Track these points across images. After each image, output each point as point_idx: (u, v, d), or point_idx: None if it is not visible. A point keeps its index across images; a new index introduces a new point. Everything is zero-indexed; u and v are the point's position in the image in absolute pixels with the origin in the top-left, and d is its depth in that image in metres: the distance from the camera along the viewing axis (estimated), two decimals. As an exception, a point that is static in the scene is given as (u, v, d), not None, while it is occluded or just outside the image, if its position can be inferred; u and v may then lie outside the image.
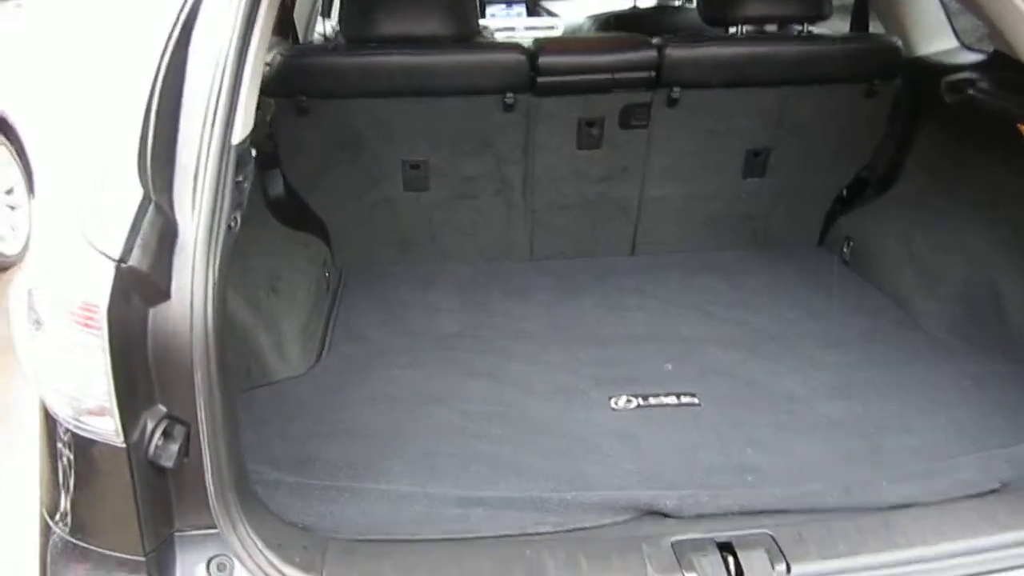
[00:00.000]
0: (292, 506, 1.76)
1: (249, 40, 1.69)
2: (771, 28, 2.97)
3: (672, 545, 1.63)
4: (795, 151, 2.94)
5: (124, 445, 1.43)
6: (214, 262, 1.50)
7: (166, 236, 1.47)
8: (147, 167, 1.50)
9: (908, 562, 1.60)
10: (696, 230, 3.11)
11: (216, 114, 1.59)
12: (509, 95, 2.67)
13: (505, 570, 1.59)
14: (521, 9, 5.94)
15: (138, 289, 1.43)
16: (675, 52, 2.68)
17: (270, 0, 1.75)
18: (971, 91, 2.34)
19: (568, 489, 1.82)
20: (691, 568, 1.57)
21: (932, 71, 2.66)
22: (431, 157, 2.83)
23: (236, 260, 2.31)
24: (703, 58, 2.70)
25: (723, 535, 1.65)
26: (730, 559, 1.60)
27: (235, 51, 1.64)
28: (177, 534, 1.56)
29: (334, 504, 1.78)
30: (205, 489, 1.50)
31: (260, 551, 1.55)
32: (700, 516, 1.76)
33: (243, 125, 1.68)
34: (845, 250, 3.01)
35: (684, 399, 2.20)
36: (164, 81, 1.61)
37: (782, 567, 1.58)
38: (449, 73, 2.65)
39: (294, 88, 2.64)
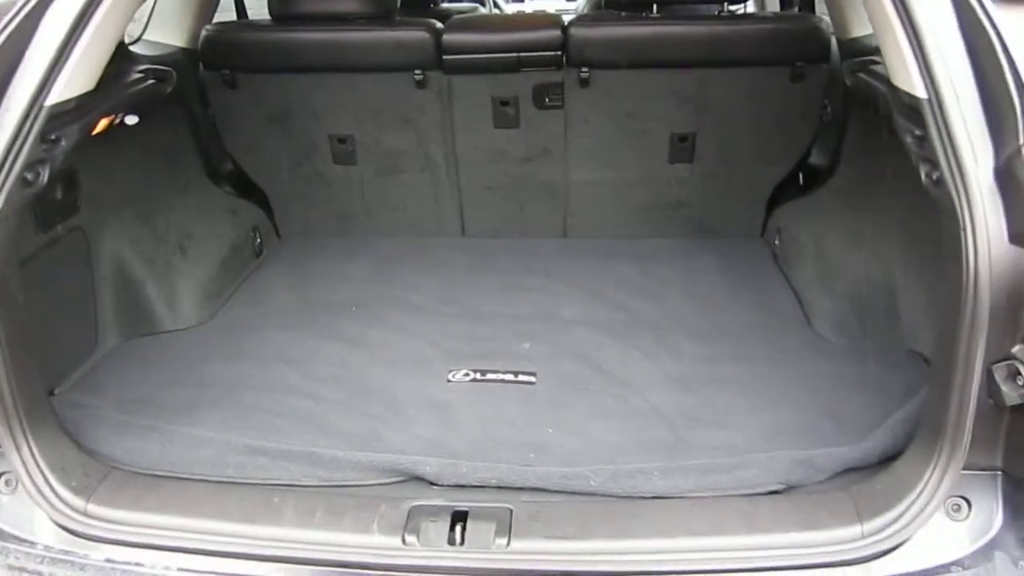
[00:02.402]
0: (104, 439, 1.92)
1: (96, 5, 1.84)
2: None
3: (410, 509, 1.68)
4: (723, 137, 2.85)
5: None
6: None
7: None
8: None
9: (635, 551, 1.59)
10: (629, 216, 3.06)
11: (29, 73, 1.76)
12: (418, 72, 2.73)
13: (248, 512, 1.69)
14: (560, -8, 5.92)
15: None
16: (579, 32, 2.66)
17: None
18: (862, 74, 2.20)
19: (349, 448, 1.89)
20: (414, 531, 1.62)
21: (861, 54, 2.51)
22: (356, 132, 2.93)
23: (143, 216, 2.53)
24: (609, 38, 2.66)
25: (464, 505, 1.69)
26: (458, 527, 1.64)
27: (75, 14, 1.80)
28: None
29: (140, 441, 1.93)
30: None
31: (40, 471, 1.72)
32: (459, 486, 1.79)
33: (69, 85, 1.82)
34: (776, 242, 2.89)
35: (521, 377, 2.22)
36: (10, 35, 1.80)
37: (503, 541, 1.60)
38: (361, 50, 2.74)
39: (220, 62, 2.80)
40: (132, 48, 2.72)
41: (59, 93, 1.80)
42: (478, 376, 2.23)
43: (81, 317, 2.30)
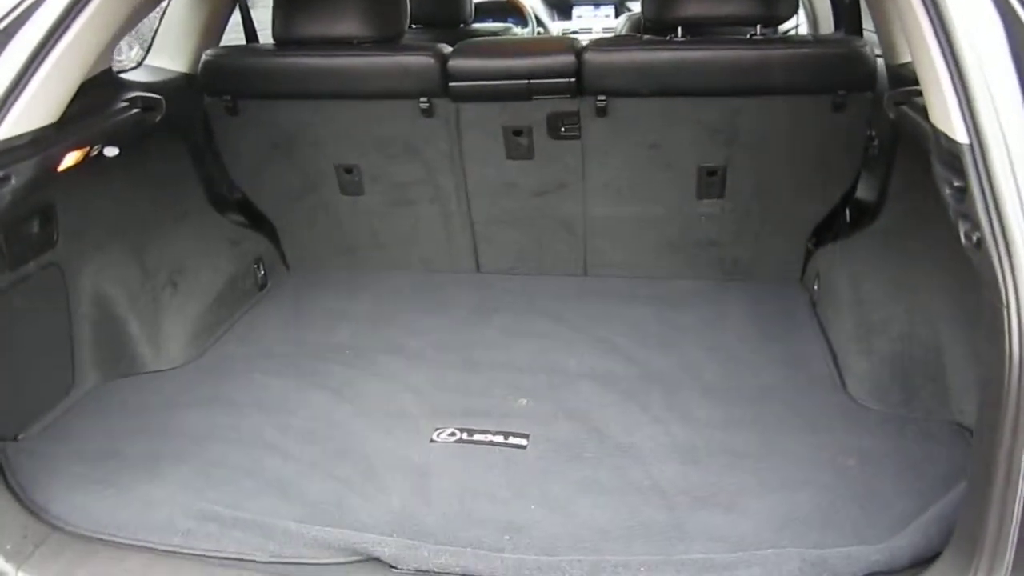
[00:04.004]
0: (54, 494, 1.80)
1: (58, 37, 1.73)
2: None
3: None
4: (757, 171, 2.60)
5: None
6: None
7: None
8: None
9: None
10: (653, 255, 2.83)
11: None
12: (424, 100, 2.56)
13: None
14: (609, 10, 5.71)
15: None
16: (595, 57, 2.45)
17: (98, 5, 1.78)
18: (905, 107, 1.93)
19: (308, 517, 1.72)
20: None
21: (910, 83, 2.24)
22: (362, 162, 2.77)
23: (131, 249, 2.42)
24: (626, 64, 2.44)
25: None
26: (405, 624, 1.45)
27: (32, 47, 1.69)
28: None
29: (92, 498, 1.80)
30: None
31: None
32: (420, 571, 1.59)
33: (23, 119, 1.71)
34: (815, 288, 2.62)
35: (512, 439, 2.01)
36: None
37: None
38: (364, 76, 2.58)
39: (221, 88, 2.69)
40: (132, 74, 2.63)
41: (10, 128, 1.68)
42: (464, 436, 2.03)
43: (55, 357, 2.19)
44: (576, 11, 5.75)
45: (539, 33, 5.37)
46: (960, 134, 1.38)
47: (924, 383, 2.04)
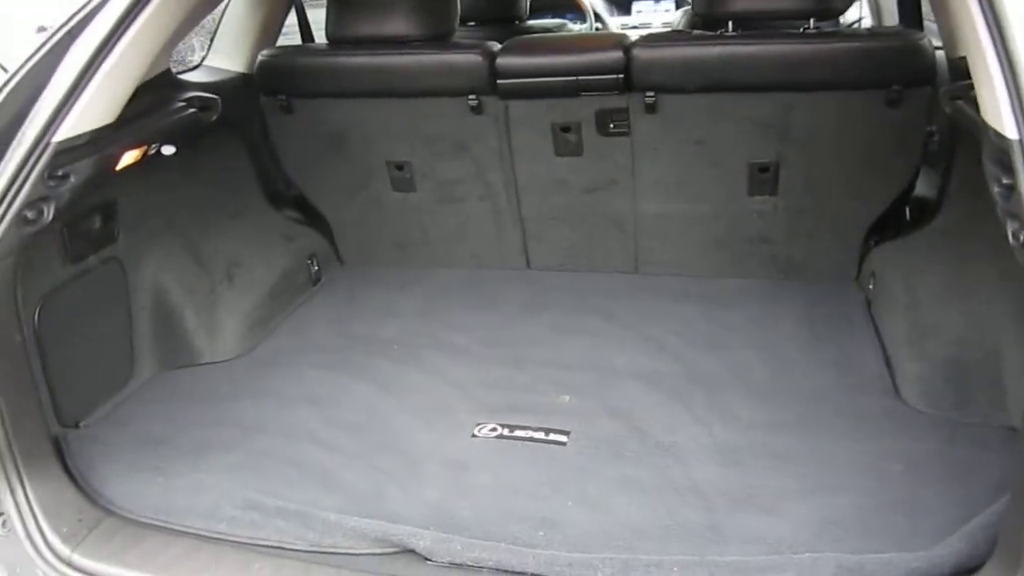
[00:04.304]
0: (109, 480, 1.88)
1: (115, 41, 1.80)
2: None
3: None
4: (810, 168, 2.54)
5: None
6: None
7: None
8: None
9: None
10: (705, 252, 2.79)
11: (38, 112, 1.74)
12: (472, 97, 2.58)
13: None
14: (670, 4, 5.63)
15: None
16: (643, 53, 2.42)
17: (156, 7, 1.86)
18: (961, 102, 1.87)
19: (349, 508, 1.76)
20: None
21: (968, 76, 2.16)
22: (412, 159, 2.81)
23: (188, 244, 2.50)
24: (674, 60, 2.41)
25: None
26: (439, 615, 1.47)
27: (91, 51, 1.77)
28: None
29: (144, 485, 1.88)
30: None
31: (33, 515, 1.69)
32: (454, 564, 1.62)
33: (82, 120, 1.79)
34: (871, 288, 2.55)
35: (552, 436, 2.01)
36: (22, 80, 1.79)
37: None
38: (413, 74, 2.61)
39: (275, 87, 2.75)
40: (192, 74, 2.72)
41: (70, 128, 1.76)
42: (505, 432, 2.04)
43: (115, 348, 2.29)
44: (636, 6, 5.70)
45: (597, 29, 5.34)
46: (1010, 130, 1.33)
47: (980, 387, 1.97)
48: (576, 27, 5.06)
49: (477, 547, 1.62)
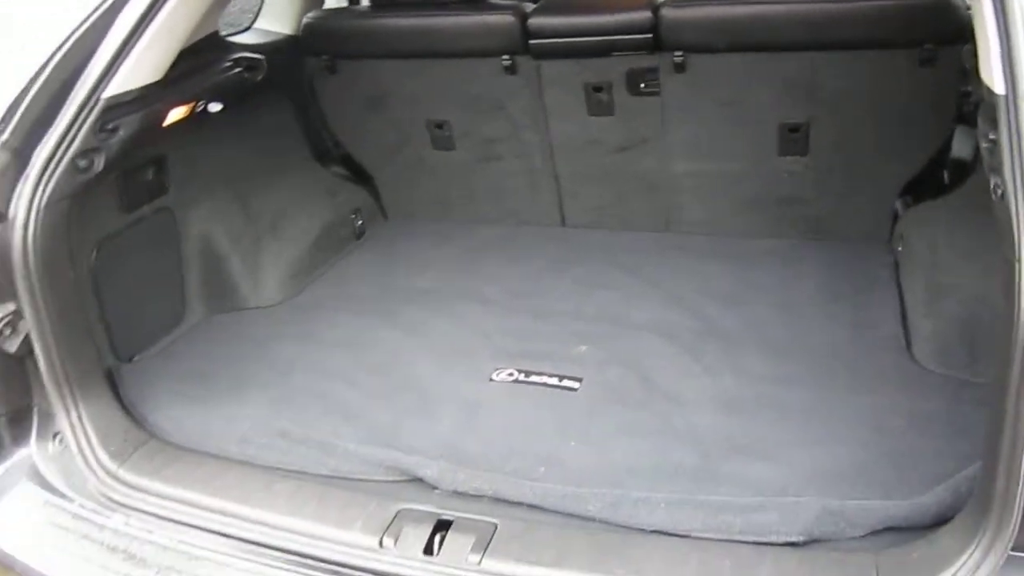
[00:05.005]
0: (156, 407, 2.07)
1: (161, 4, 1.95)
2: None
3: (398, 511, 1.66)
4: (841, 128, 2.53)
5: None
6: (43, 193, 1.80)
7: (8, 170, 1.80)
8: (14, 115, 1.85)
9: None
10: (735, 212, 2.81)
11: (91, 70, 1.90)
12: (506, 57, 2.66)
13: (246, 494, 1.76)
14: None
15: None
16: (671, 13, 2.45)
17: None
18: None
19: (367, 440, 1.90)
20: (394, 535, 1.61)
21: None
22: (451, 118, 2.90)
23: (236, 196, 2.66)
24: (702, 19, 2.44)
25: (451, 514, 1.64)
26: (438, 536, 1.60)
27: (140, 12, 1.92)
28: (36, 407, 1.94)
29: (186, 413, 2.06)
30: None
31: (84, 434, 1.88)
32: (457, 492, 1.74)
33: (130, 78, 1.95)
34: (899, 249, 2.54)
35: (565, 382, 2.11)
36: (77, 41, 1.96)
37: (476, 557, 1.55)
38: (450, 35, 2.70)
39: (320, 48, 2.88)
40: (241, 37, 2.87)
41: (118, 85, 1.92)
42: (521, 377, 2.15)
43: (168, 291, 2.47)
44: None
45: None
46: (998, 85, 1.34)
47: (992, 347, 1.97)
48: None
49: (479, 478, 1.73)
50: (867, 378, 2.03)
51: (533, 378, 2.14)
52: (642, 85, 2.63)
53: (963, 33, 2.30)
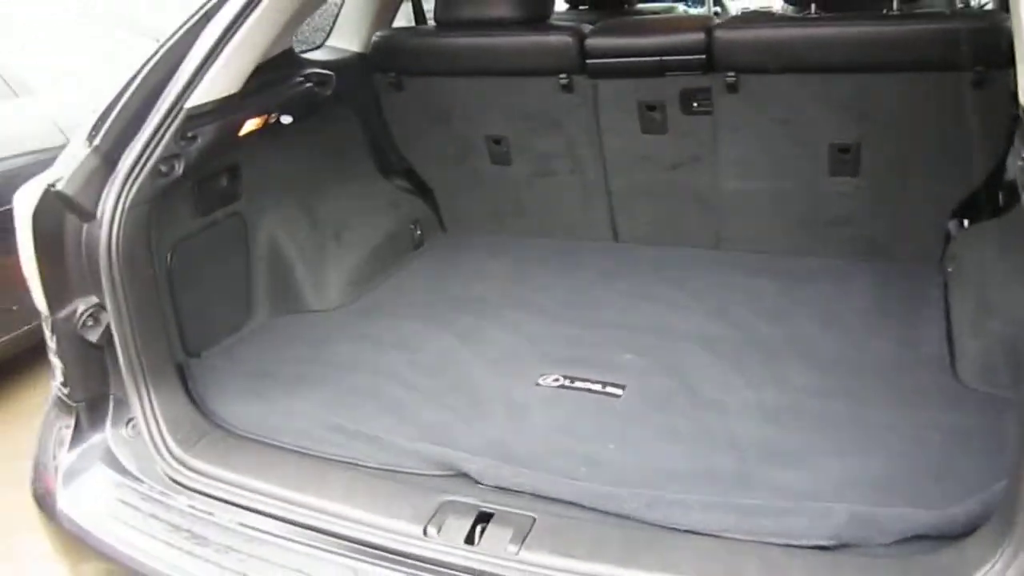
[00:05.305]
0: (221, 401, 2.20)
1: (240, 22, 2.12)
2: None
3: (442, 503, 1.75)
4: (893, 149, 2.56)
5: (52, 318, 1.98)
6: (128, 195, 1.96)
7: (98, 172, 1.97)
8: (105, 121, 2.01)
9: None
10: (786, 231, 2.85)
11: (176, 82, 2.06)
12: (563, 76, 2.76)
13: (302, 482, 1.86)
14: (793, -12, 5.54)
15: (69, 208, 1.94)
16: (724, 35, 2.52)
17: None
18: None
19: (418, 437, 1.99)
20: (437, 524, 1.69)
21: None
22: (509, 134, 3.02)
23: (303, 205, 2.81)
24: (755, 41, 2.50)
25: (492, 507, 1.72)
26: (479, 528, 1.68)
27: (221, 30, 2.09)
28: (112, 395, 2.09)
29: (248, 407, 2.18)
30: None
31: (155, 421, 2.02)
32: (500, 488, 1.82)
33: (210, 90, 2.11)
34: (950, 270, 2.55)
35: (609, 389, 2.18)
36: (164, 55, 2.13)
37: (514, 548, 1.62)
38: (510, 54, 2.81)
39: (388, 65, 3.03)
40: (314, 54, 3.03)
41: (199, 97, 2.08)
42: (566, 383, 2.22)
43: (237, 292, 2.62)
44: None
45: (715, 13, 5.36)
46: None
47: None
48: (692, 11, 5.10)
49: (521, 474, 1.81)
50: (908, 394, 2.05)
51: (578, 384, 2.21)
52: (695, 104, 2.70)
53: (1014, 56, 2.31)
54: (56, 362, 2.09)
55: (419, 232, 3.24)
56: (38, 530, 2.09)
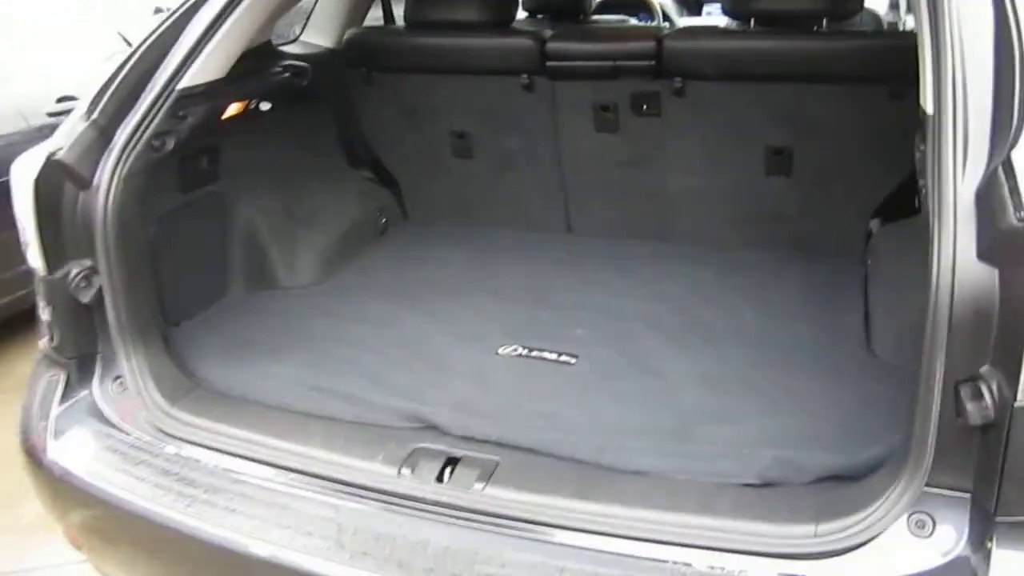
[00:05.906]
0: (203, 364, 2.34)
1: (227, 14, 2.28)
2: None
3: (414, 449, 1.93)
4: (821, 152, 2.84)
5: (49, 277, 2.11)
6: (123, 166, 2.11)
7: (96, 143, 2.11)
8: (102, 97, 2.16)
9: (589, 512, 1.73)
10: (726, 226, 3.11)
11: (168, 64, 2.22)
12: (525, 76, 2.98)
13: (285, 431, 2.03)
14: (738, 8, 5.88)
15: (68, 176, 2.08)
16: (673, 44, 2.77)
17: None
18: None
19: (388, 395, 2.17)
20: (411, 466, 1.88)
21: None
22: (472, 129, 3.22)
23: (277, 189, 2.97)
24: (700, 50, 2.75)
25: (459, 452, 1.91)
26: (448, 469, 1.87)
27: (210, 18, 2.25)
28: (100, 354, 2.22)
29: (230, 369, 2.33)
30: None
31: (142, 378, 2.16)
32: (466, 438, 2.01)
33: (200, 73, 2.27)
34: (868, 263, 2.83)
35: (563, 358, 2.38)
36: (157, 38, 2.28)
37: (480, 485, 1.82)
38: (476, 54, 3.03)
39: (359, 61, 3.21)
40: (288, 46, 3.20)
41: (190, 79, 2.24)
42: (524, 352, 2.42)
43: (213, 268, 2.76)
44: (707, 8, 5.98)
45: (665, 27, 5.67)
46: (929, 106, 1.64)
47: None
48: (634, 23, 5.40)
49: (486, 426, 2.00)
50: (828, 366, 2.30)
51: (535, 354, 2.42)
52: (645, 107, 2.94)
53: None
54: (47, 319, 2.22)
55: (384, 220, 3.42)
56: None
